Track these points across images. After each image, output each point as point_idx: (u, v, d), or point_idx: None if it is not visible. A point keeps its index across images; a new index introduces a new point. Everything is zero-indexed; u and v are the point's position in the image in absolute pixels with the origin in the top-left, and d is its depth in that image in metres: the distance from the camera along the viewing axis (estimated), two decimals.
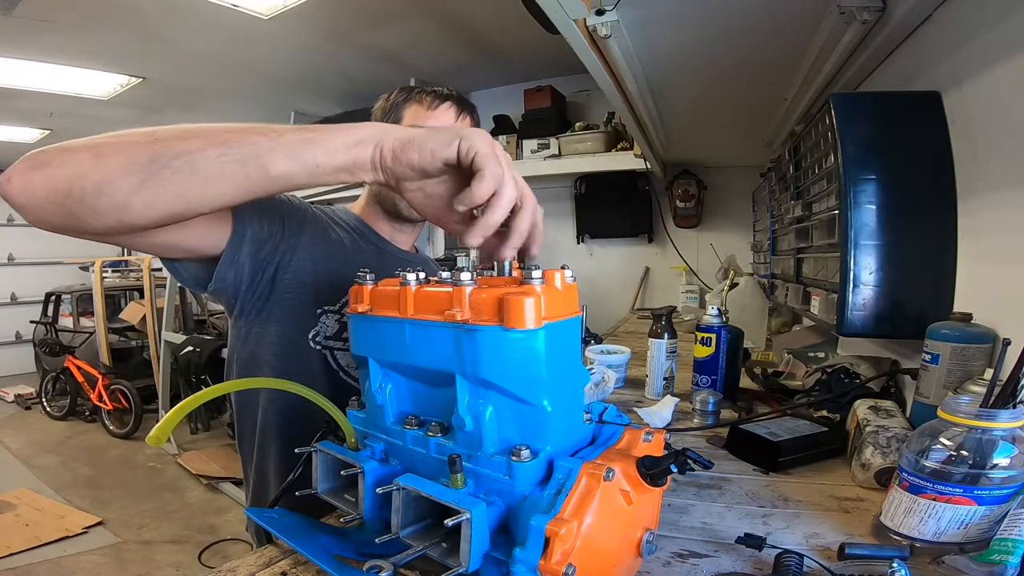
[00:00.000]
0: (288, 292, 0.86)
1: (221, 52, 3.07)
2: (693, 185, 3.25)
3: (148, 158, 0.49)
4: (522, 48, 3.16)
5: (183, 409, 0.50)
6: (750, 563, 0.58)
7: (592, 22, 1.10)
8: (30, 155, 0.50)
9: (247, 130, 0.52)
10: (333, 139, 0.52)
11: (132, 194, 0.49)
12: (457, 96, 0.99)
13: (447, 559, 0.47)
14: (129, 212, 0.50)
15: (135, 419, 4.35)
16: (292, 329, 0.87)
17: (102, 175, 0.49)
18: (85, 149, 0.50)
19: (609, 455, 0.50)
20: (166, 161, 0.49)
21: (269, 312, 0.86)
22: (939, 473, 0.57)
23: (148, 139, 0.50)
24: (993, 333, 0.79)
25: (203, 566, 2.62)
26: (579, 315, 0.52)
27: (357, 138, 0.52)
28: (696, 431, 1.02)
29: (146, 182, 0.49)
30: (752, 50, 1.32)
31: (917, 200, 0.95)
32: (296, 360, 0.87)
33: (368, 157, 0.52)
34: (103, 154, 0.50)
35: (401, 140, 0.52)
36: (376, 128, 0.53)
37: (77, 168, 0.49)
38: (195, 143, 0.50)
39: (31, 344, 5.72)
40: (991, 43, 0.84)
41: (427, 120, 0.95)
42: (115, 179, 0.49)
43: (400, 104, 0.99)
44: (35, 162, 0.50)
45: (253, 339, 0.88)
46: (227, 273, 0.78)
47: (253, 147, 0.50)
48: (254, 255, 0.81)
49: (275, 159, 0.50)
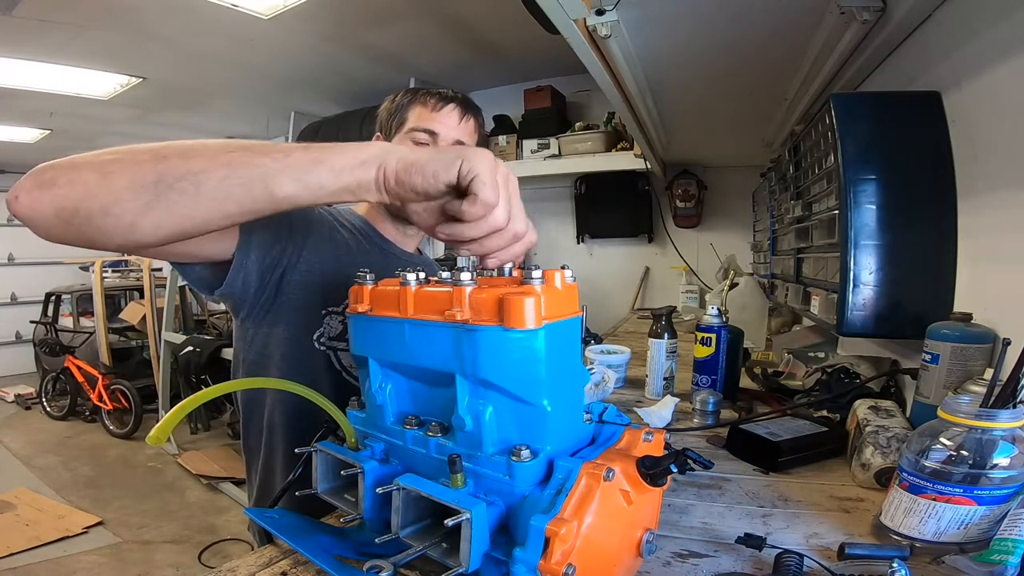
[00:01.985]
0: (294, 293, 0.86)
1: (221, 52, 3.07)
2: (693, 185, 3.25)
3: (153, 179, 0.49)
4: (522, 48, 3.15)
5: (183, 409, 0.50)
6: (750, 563, 0.58)
7: (592, 22, 1.10)
8: (37, 171, 0.50)
9: (252, 150, 0.51)
10: (337, 160, 0.51)
11: (140, 216, 0.50)
12: (462, 98, 0.99)
13: (447, 559, 0.47)
14: (136, 232, 0.51)
15: (135, 419, 4.34)
16: (298, 330, 0.87)
17: (109, 197, 0.49)
18: (91, 168, 0.50)
19: (609, 455, 0.50)
20: (171, 182, 0.49)
21: (276, 313, 0.87)
22: (939, 473, 0.57)
23: (152, 157, 0.50)
24: (993, 333, 0.79)
25: (203, 566, 2.62)
26: (579, 315, 0.52)
27: (361, 159, 0.51)
28: (696, 431, 1.02)
29: (152, 204, 0.49)
30: (752, 50, 1.32)
31: (917, 200, 0.95)
32: (301, 360, 0.87)
33: (372, 178, 0.52)
34: (109, 173, 0.49)
35: (405, 162, 0.51)
36: (380, 148, 0.52)
37: (83, 188, 0.49)
38: (198, 163, 0.50)
39: (31, 344, 5.72)
40: (991, 43, 0.84)
41: (431, 122, 0.96)
42: (120, 201, 0.49)
43: (405, 106, 0.99)
44: (42, 179, 0.50)
45: (260, 340, 0.89)
46: (235, 278, 0.79)
47: (259, 170, 0.50)
48: (261, 260, 0.81)
49: (280, 182, 0.50)
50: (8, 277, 6.33)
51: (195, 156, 0.50)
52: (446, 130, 0.96)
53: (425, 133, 0.96)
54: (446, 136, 0.96)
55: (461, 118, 0.98)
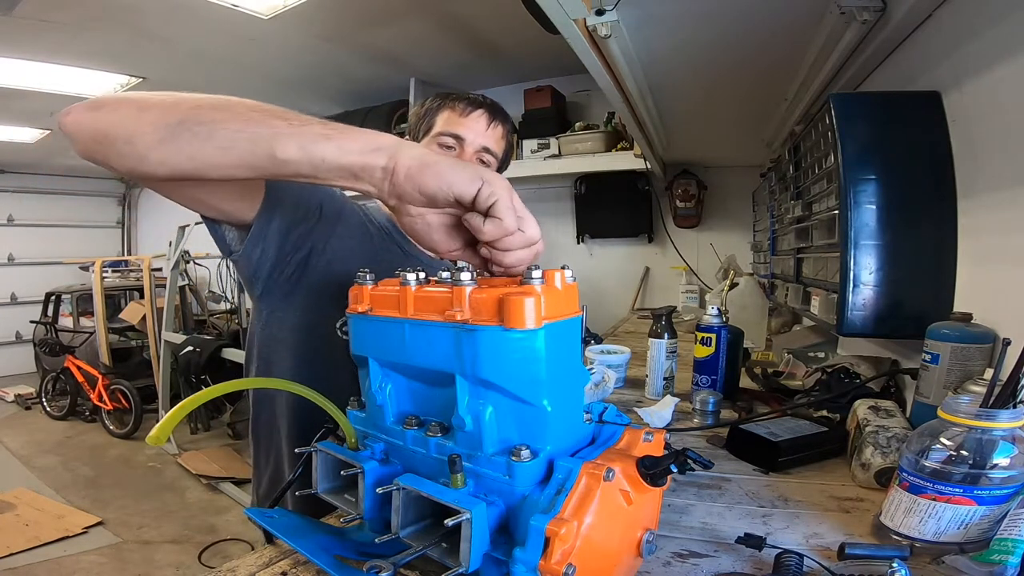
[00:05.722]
0: (319, 278, 0.87)
1: (221, 52, 3.07)
2: (693, 185, 3.25)
3: (177, 120, 0.53)
4: (522, 48, 3.15)
5: (183, 409, 0.50)
6: (750, 563, 0.58)
7: (592, 22, 1.10)
8: (93, 98, 0.57)
9: (274, 113, 0.53)
10: (350, 140, 0.52)
11: (150, 149, 0.53)
12: (490, 104, 1.00)
13: (447, 559, 0.47)
14: (144, 163, 0.55)
15: (135, 419, 4.34)
16: (317, 316, 0.86)
17: (135, 127, 0.54)
18: (133, 103, 0.55)
19: (609, 455, 0.50)
20: (190, 126, 0.53)
21: (296, 295, 0.88)
22: (939, 473, 0.57)
23: (190, 105, 0.54)
24: (993, 333, 0.79)
25: (203, 566, 2.62)
26: (579, 315, 0.52)
27: (375, 145, 0.52)
28: (696, 431, 1.02)
29: (165, 140, 0.53)
30: (752, 50, 1.32)
31: (917, 200, 0.95)
32: (321, 346, 0.86)
33: (380, 166, 0.51)
34: (145, 108, 0.54)
35: (420, 160, 0.51)
36: (397, 142, 0.53)
37: (120, 116, 0.55)
38: (223, 115, 0.53)
39: (31, 344, 5.71)
40: (991, 43, 0.84)
41: (458, 126, 0.96)
42: (143, 133, 0.53)
43: (434, 110, 0.99)
44: (93, 104, 0.56)
45: (275, 322, 0.89)
46: (253, 248, 0.80)
47: (270, 129, 0.52)
48: (284, 233, 0.82)
49: (285, 144, 0.51)
50: (8, 277, 6.32)
51: (224, 109, 0.54)
52: (473, 135, 0.96)
53: (451, 137, 0.96)
54: (472, 141, 0.96)
55: (489, 124, 0.98)
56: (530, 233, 0.52)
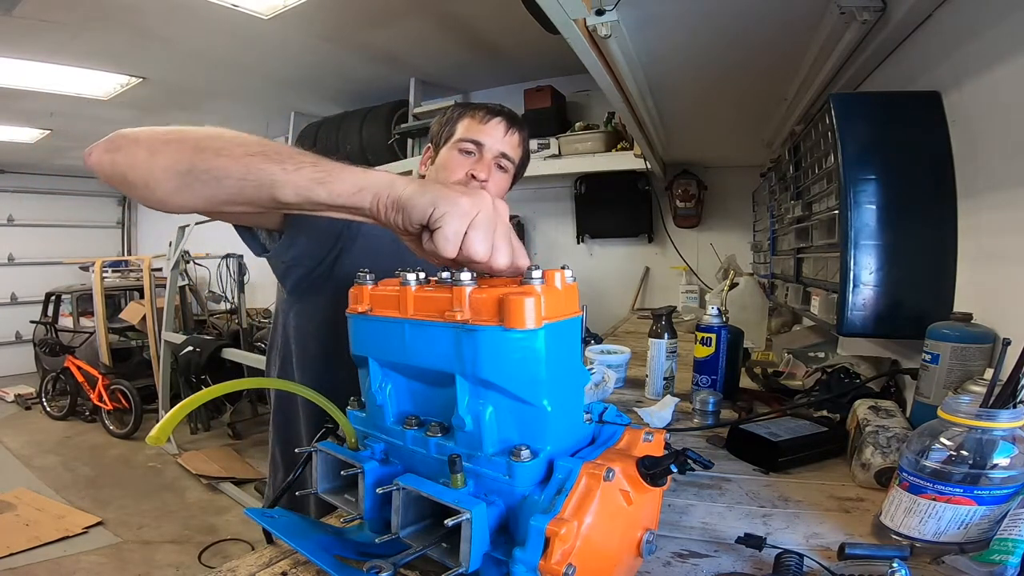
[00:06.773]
0: (348, 276, 0.88)
1: (221, 52, 3.07)
2: (693, 185, 3.25)
3: (186, 167, 0.57)
4: (522, 48, 3.15)
5: (183, 409, 0.50)
6: (750, 563, 0.58)
7: (592, 22, 1.10)
8: (112, 136, 0.61)
9: (270, 157, 0.56)
10: (339, 183, 0.55)
11: (169, 195, 0.59)
12: (508, 113, 1.05)
13: (447, 559, 0.47)
14: (166, 205, 0.61)
15: (135, 419, 4.34)
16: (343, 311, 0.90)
17: (149, 174, 0.59)
18: (145, 146, 0.60)
19: (609, 455, 0.50)
20: (198, 174, 0.57)
21: (325, 291, 0.91)
22: (939, 473, 0.57)
23: (192, 148, 0.58)
24: (993, 333, 0.79)
25: (203, 566, 2.62)
26: (579, 315, 0.52)
27: (359, 186, 0.55)
28: (696, 431, 1.02)
29: (181, 189, 0.58)
30: (752, 50, 1.32)
31: (917, 200, 0.95)
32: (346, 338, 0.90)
33: (366, 206, 0.55)
34: (156, 152, 0.59)
35: (392, 199, 0.53)
36: (379, 180, 0.54)
37: (134, 161, 0.60)
38: (224, 161, 0.57)
39: (31, 344, 5.71)
40: (991, 43, 0.84)
41: (478, 133, 1.01)
42: (158, 180, 0.59)
43: (454, 119, 1.04)
44: (111, 145, 0.60)
45: (303, 314, 0.94)
46: (285, 252, 0.84)
47: (269, 177, 0.56)
48: (318, 240, 0.86)
49: (283, 191, 0.55)
50: (8, 277, 6.33)
51: (224, 155, 0.57)
52: (492, 141, 1.01)
53: (471, 143, 1.01)
54: (491, 147, 1.01)
55: (507, 131, 1.03)
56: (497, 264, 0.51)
